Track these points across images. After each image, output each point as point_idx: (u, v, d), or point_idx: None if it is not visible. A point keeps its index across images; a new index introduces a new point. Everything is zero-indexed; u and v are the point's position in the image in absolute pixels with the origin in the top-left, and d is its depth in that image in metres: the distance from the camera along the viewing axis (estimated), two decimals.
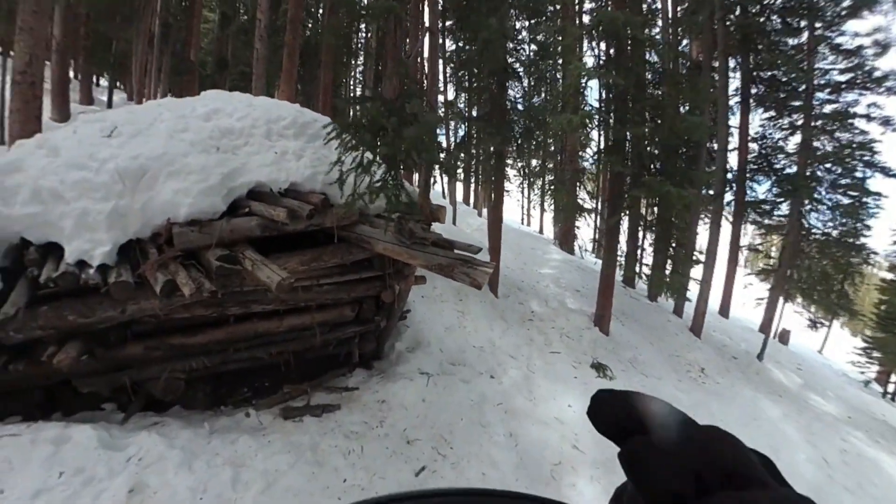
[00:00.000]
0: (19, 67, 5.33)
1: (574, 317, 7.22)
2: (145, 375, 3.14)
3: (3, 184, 2.65)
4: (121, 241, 2.75)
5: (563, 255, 11.22)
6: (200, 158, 2.96)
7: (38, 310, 2.63)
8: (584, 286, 8.97)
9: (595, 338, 6.78)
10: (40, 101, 5.69)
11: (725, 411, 5.79)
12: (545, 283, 8.64)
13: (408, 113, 2.36)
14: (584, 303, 7.97)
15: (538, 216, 17.23)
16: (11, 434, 2.50)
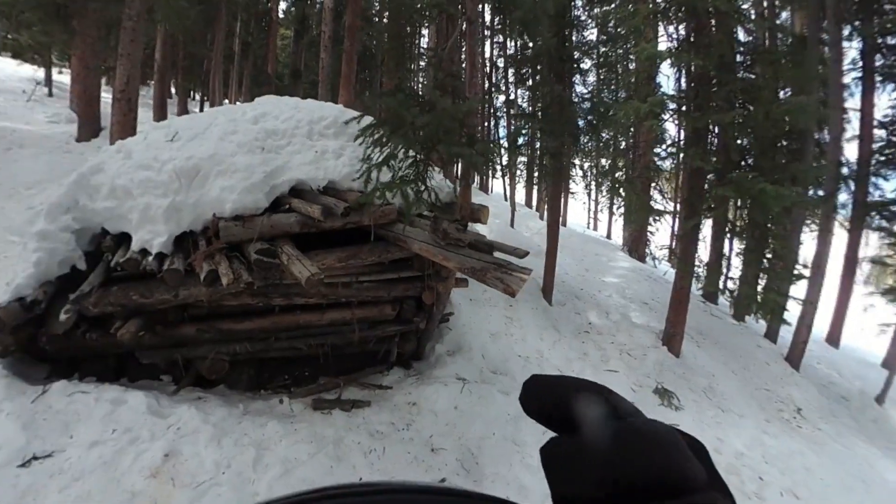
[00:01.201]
0: (119, 87, 6.37)
1: (638, 333, 6.52)
2: (196, 354, 3.45)
3: (90, 182, 3.08)
4: (176, 233, 3.04)
5: (633, 263, 10.27)
6: (246, 158, 3.17)
7: (110, 289, 3.01)
8: (655, 299, 8.10)
9: (662, 359, 6.03)
10: (135, 115, 6.74)
11: (825, 466, 4.76)
12: (608, 292, 7.96)
13: (424, 102, 2.25)
14: (653, 318, 7.18)
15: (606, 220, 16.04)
16: (82, 391, 2.93)
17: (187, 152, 3.21)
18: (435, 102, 2.22)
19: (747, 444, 4.72)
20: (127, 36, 6.42)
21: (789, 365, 7.22)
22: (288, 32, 17.67)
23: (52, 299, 3.14)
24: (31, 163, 7.18)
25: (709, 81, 5.55)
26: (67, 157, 7.47)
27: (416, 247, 3.38)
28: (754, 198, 5.15)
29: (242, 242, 3.10)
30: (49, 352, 3.25)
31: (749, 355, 7.21)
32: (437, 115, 2.19)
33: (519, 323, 5.95)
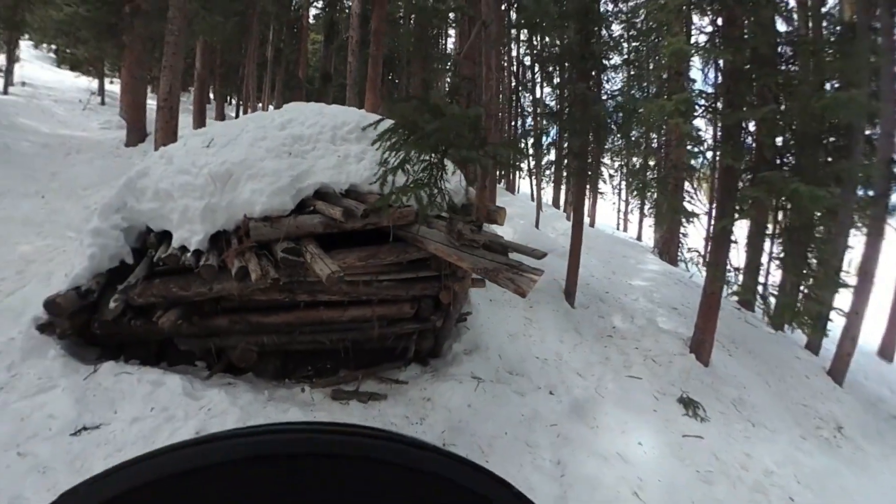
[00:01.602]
0: (162, 96, 6.93)
1: (665, 339, 6.33)
2: (227, 343, 3.71)
3: (137, 185, 3.40)
4: (211, 232, 3.30)
5: (662, 266, 9.94)
6: (274, 163, 3.39)
7: (153, 281, 3.31)
8: (685, 304, 7.83)
9: (689, 367, 5.81)
10: (176, 121, 7.30)
11: (866, 491, 4.44)
12: (634, 296, 7.76)
13: (433, 107, 2.34)
14: (681, 324, 6.96)
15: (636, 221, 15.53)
16: (127, 372, 3.24)
17: (221, 158, 3.47)
18: (443, 108, 2.31)
19: (778, 462, 4.47)
20: (169, 49, 6.97)
21: (832, 379, 6.79)
22: (318, 38, 18.36)
23: (104, 289, 3.48)
24: (87, 166, 7.86)
25: (742, 76, 5.30)
26: (117, 161, 8.11)
27: (432, 247, 3.49)
28: (788, 198, 4.89)
29: (270, 241, 3.32)
30: (99, 336, 3.60)
31: (786, 367, 6.84)
32: (445, 121, 2.28)
33: (539, 324, 5.93)
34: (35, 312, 3.51)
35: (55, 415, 2.95)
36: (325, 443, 0.24)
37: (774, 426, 5.18)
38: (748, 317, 8.37)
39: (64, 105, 12.53)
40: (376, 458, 0.24)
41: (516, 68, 12.33)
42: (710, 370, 5.92)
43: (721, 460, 4.23)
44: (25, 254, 5.17)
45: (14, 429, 2.82)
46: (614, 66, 7.12)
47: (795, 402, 6.00)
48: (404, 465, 0.24)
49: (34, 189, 6.89)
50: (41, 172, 7.52)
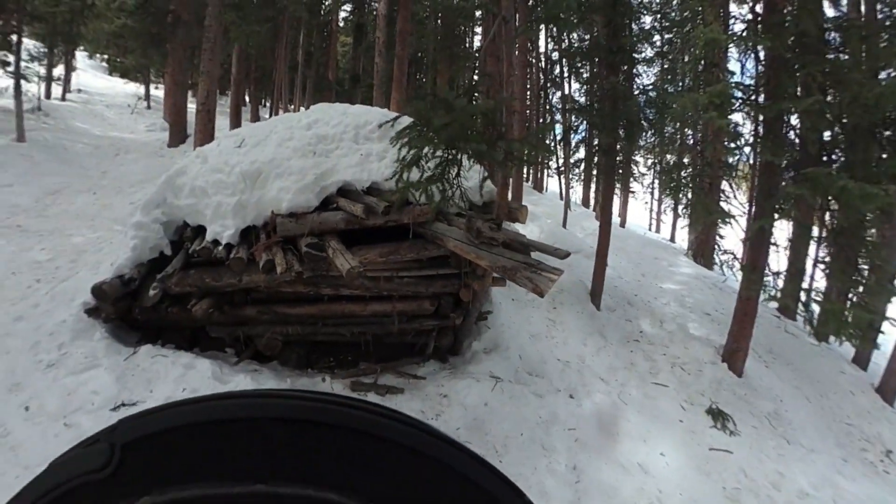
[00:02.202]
0: (200, 100, 7.38)
1: (696, 346, 6.07)
2: (255, 332, 3.89)
3: (175, 183, 3.63)
4: (241, 227, 3.48)
5: (696, 270, 9.52)
6: (300, 162, 3.53)
7: (189, 272, 3.52)
8: (719, 310, 7.47)
9: (720, 377, 5.53)
10: (213, 124, 7.76)
11: None
12: (665, 300, 7.49)
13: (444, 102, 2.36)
14: (714, 331, 6.65)
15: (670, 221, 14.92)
16: (163, 355, 3.45)
17: (251, 157, 3.65)
18: (452, 103, 2.33)
19: (815, 484, 4.18)
20: (206, 56, 7.42)
21: (881, 398, 6.29)
22: (347, 40, 18.86)
23: (144, 278, 3.73)
24: (134, 165, 8.42)
25: (784, 65, 4.95)
26: (160, 160, 8.64)
27: (452, 245, 3.52)
28: (836, 197, 4.53)
29: (296, 237, 3.45)
30: (140, 321, 3.86)
31: (829, 382, 6.40)
32: (455, 115, 2.29)
33: (562, 326, 5.84)
34: (84, 298, 3.81)
35: (98, 391, 3.19)
36: (338, 414, 0.25)
37: (813, 445, 4.84)
38: (788, 325, 7.88)
39: (114, 109, 13.52)
40: (388, 437, 0.25)
41: (544, 64, 12.16)
42: (744, 381, 5.62)
43: (750, 478, 4.02)
44: (78, 245, 5.60)
45: (62, 402, 3.08)
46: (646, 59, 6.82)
47: (838, 421, 5.60)
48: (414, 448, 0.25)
49: (87, 186, 7.45)
50: (93, 171, 8.13)
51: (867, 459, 5.02)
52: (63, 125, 10.23)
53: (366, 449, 0.25)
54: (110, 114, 12.92)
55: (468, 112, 2.27)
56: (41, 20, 10.06)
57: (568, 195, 10.93)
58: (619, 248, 8.69)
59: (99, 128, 11.07)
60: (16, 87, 8.37)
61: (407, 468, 0.25)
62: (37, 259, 5.28)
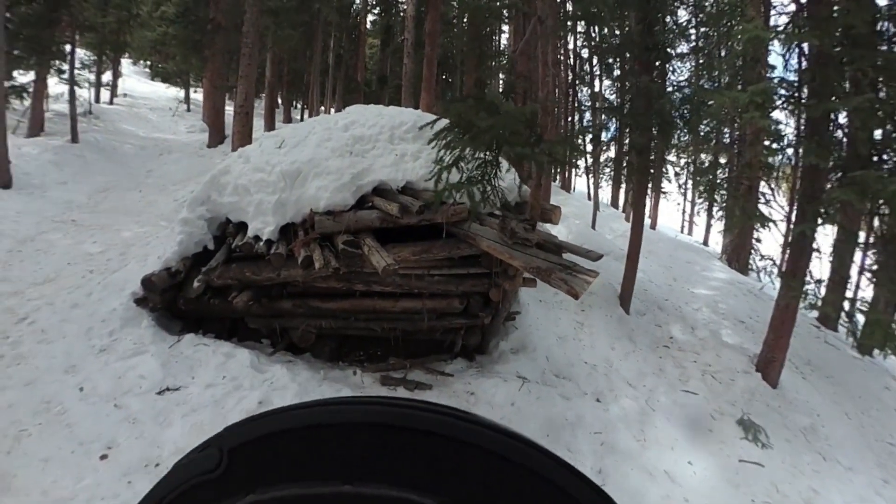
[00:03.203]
0: (239, 102, 7.75)
1: (728, 354, 5.88)
2: (290, 324, 4.05)
3: (219, 182, 3.83)
4: (281, 224, 3.63)
5: (731, 275, 9.20)
6: (337, 161, 3.66)
7: (230, 266, 3.70)
8: (754, 317, 7.21)
9: (754, 387, 5.33)
10: (251, 125, 8.11)
11: None
12: (697, 305, 7.28)
13: (489, 105, 2.39)
14: (749, 339, 6.43)
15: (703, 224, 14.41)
16: (204, 344, 3.66)
17: (291, 157, 3.81)
18: (499, 106, 2.36)
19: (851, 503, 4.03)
20: (244, 60, 7.77)
21: None
22: (375, 42, 19.23)
23: (189, 271, 3.94)
24: (176, 165, 8.87)
25: (831, 61, 4.70)
26: (200, 160, 9.08)
27: (485, 245, 3.55)
28: (886, 202, 4.31)
29: (333, 234, 3.58)
30: (182, 311, 4.08)
31: (872, 397, 6.07)
32: (501, 118, 2.33)
33: (590, 329, 5.78)
34: (133, 288, 4.07)
35: (145, 375, 3.40)
36: (422, 419, 0.26)
37: (851, 463, 4.61)
38: (829, 336, 7.51)
39: (157, 112, 14.30)
40: (472, 441, 0.25)
41: (573, 61, 12.01)
42: (779, 392, 5.40)
43: (782, 493, 3.88)
44: (127, 239, 5.95)
45: (112, 385, 3.31)
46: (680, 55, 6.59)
47: (880, 440, 5.30)
48: (500, 453, 0.25)
49: (134, 184, 7.91)
50: (139, 170, 8.62)
51: None
52: (111, 127, 10.90)
53: (449, 453, 0.25)
54: (153, 116, 13.68)
55: (513, 115, 2.30)
56: (92, 30, 10.73)
57: (597, 195, 10.76)
58: (650, 251, 8.50)
59: (143, 130, 11.73)
60: (70, 93, 8.96)
61: (492, 473, 0.25)
62: (90, 251, 5.65)
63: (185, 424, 3.01)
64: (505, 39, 14.37)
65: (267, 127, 11.70)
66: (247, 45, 7.89)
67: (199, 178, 7.23)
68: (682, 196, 15.70)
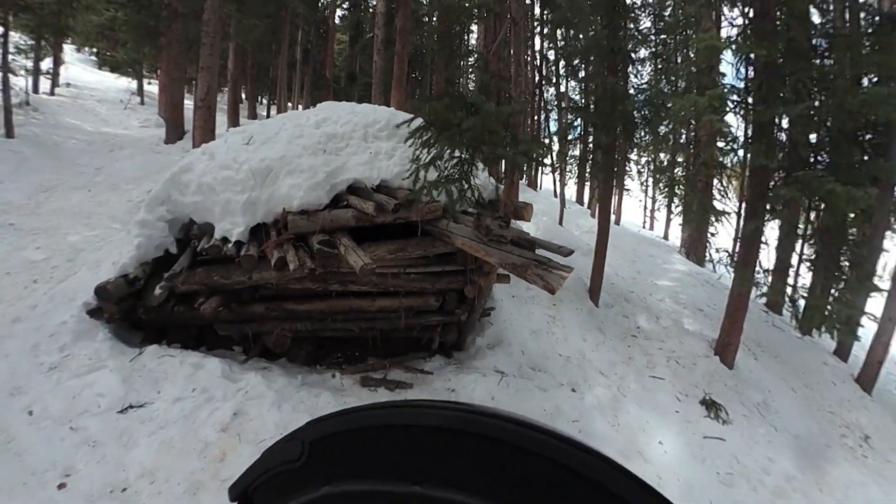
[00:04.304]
0: (200, 95, 7.25)
1: (690, 340, 6.26)
2: (263, 329, 3.90)
3: (181, 180, 3.61)
4: (251, 224, 3.48)
5: (689, 267, 9.76)
6: (310, 159, 3.55)
7: (196, 270, 3.51)
8: (711, 305, 7.70)
9: (713, 369, 5.74)
10: (214, 120, 7.63)
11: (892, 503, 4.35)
12: (660, 296, 7.68)
13: (469, 105, 2.41)
14: (707, 325, 6.86)
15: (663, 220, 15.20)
16: (170, 355, 3.44)
17: (261, 154, 3.66)
18: (479, 105, 2.38)
19: (801, 468, 4.41)
20: (205, 50, 7.29)
21: (860, 387, 6.57)
22: (344, 38, 18.78)
23: (149, 277, 3.71)
24: (129, 162, 8.28)
25: (776, 70, 5.14)
26: (157, 157, 8.52)
27: (460, 242, 3.57)
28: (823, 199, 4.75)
29: (307, 234, 3.47)
30: (144, 320, 3.83)
31: (813, 373, 6.66)
32: (481, 118, 2.35)
33: (562, 322, 5.95)
34: (85, 298, 3.76)
35: (103, 393, 3.13)
36: (491, 426, 0.26)
37: (798, 431, 5.08)
38: (775, 320, 8.15)
39: (106, 105, 13.22)
40: (539, 452, 0.25)
41: (539, 62, 12.28)
42: (735, 373, 5.83)
43: (742, 463, 4.20)
44: (75, 243, 5.51)
45: (66, 405, 3.02)
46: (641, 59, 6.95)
47: (821, 409, 5.85)
48: (569, 466, 0.25)
49: (81, 183, 7.32)
50: (87, 167, 7.98)
51: (847, 445, 5.27)
52: (53, 121, 9.99)
53: (518, 462, 0.25)
54: (102, 109, 12.62)
55: (493, 115, 2.33)
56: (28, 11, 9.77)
57: (563, 193, 11.07)
58: (615, 246, 8.83)
59: (91, 123, 10.83)
60: (3, 82, 8.15)
61: (561, 487, 0.25)
62: (32, 259, 5.18)
63: (152, 443, 2.82)
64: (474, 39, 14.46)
65: (230, 122, 11.13)
66: (208, 34, 7.42)
67: (157, 177, 6.79)
68: (644, 193, 16.43)
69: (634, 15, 5.92)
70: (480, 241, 3.46)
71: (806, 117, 5.02)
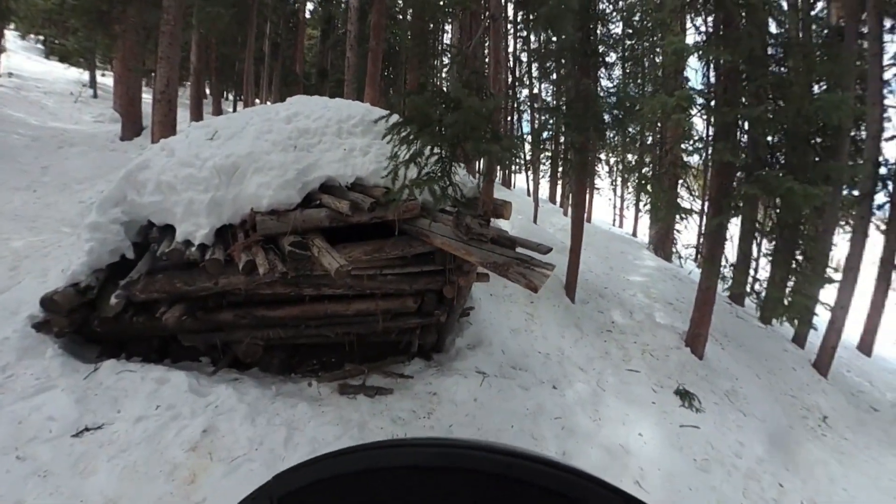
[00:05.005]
0: (160, 88, 6.75)
1: (662, 333, 6.46)
2: (233, 338, 3.68)
3: (137, 178, 3.34)
4: (216, 226, 3.25)
5: (658, 262, 10.10)
6: (280, 156, 3.36)
7: (156, 277, 3.25)
8: (680, 299, 7.97)
9: (685, 360, 5.96)
10: (175, 114, 7.14)
11: (850, 478, 4.62)
12: (632, 291, 7.88)
13: (451, 100, 2.34)
14: (677, 318, 7.09)
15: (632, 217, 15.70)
16: (130, 370, 3.17)
17: (226, 150, 3.42)
18: (462, 100, 2.31)
19: (769, 451, 4.64)
20: (165, 40, 6.81)
21: (817, 371, 7.02)
22: (315, 33, 18.21)
23: (104, 285, 3.41)
24: (80, 160, 7.67)
25: (738, 76, 5.42)
26: (112, 154, 7.95)
27: (439, 241, 3.49)
28: (782, 197, 5.03)
29: (277, 235, 3.29)
30: (99, 333, 3.52)
31: (775, 359, 7.03)
32: (463, 113, 2.28)
33: (540, 320, 5.98)
34: (31, 310, 3.43)
35: (55, 416, 2.83)
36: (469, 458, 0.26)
37: (764, 415, 5.38)
38: (739, 311, 8.54)
39: (54, 97, 12.21)
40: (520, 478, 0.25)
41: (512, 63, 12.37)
42: (705, 363, 6.06)
43: (716, 449, 4.36)
44: (18, 250, 5.04)
45: (12, 432, 2.70)
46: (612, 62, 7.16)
47: (784, 393, 6.20)
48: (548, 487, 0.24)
49: (25, 183, 6.71)
50: (32, 166, 7.33)
51: (808, 425, 5.61)
52: None
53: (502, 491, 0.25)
54: (49, 102, 11.62)
55: (476, 110, 2.26)
56: None
57: (537, 192, 11.20)
58: (588, 243, 9.02)
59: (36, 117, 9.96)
60: None
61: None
62: None
63: (113, 469, 2.57)
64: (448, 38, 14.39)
65: (193, 118, 10.49)
66: (168, 21, 6.92)
67: (112, 176, 6.30)
68: (613, 192, 16.90)
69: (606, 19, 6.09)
70: (461, 240, 3.38)
71: (765, 120, 5.32)
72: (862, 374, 7.90)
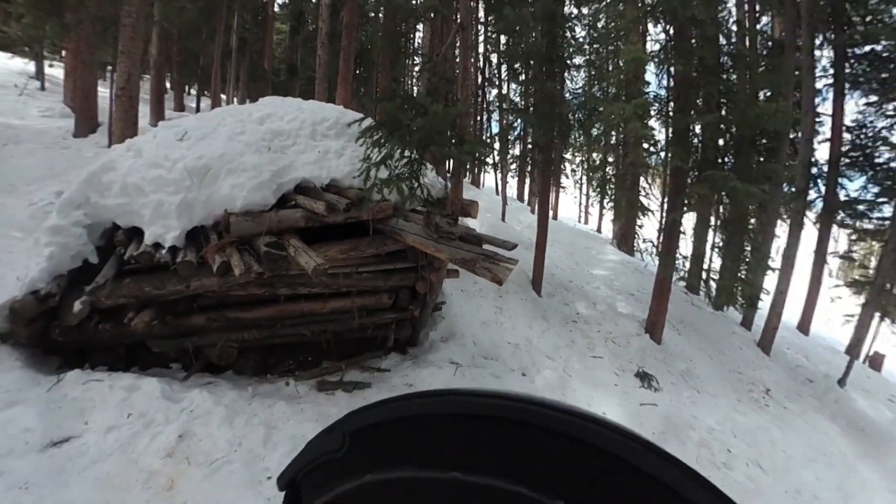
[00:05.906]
0: (120, 84, 6.43)
1: (623, 322, 6.88)
2: (205, 342, 3.65)
3: (101, 180, 3.25)
4: (188, 228, 3.23)
5: (621, 257, 10.64)
6: (254, 157, 3.37)
7: (123, 281, 3.20)
8: (640, 290, 8.47)
9: (644, 346, 6.40)
10: (136, 111, 6.80)
11: (789, 441, 5.18)
12: (596, 284, 8.30)
13: (418, 106, 2.47)
14: (638, 308, 7.55)
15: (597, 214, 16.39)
16: (97, 379, 3.08)
17: (198, 152, 3.39)
18: (427, 107, 2.44)
19: (719, 421, 5.11)
20: (127, 33, 6.47)
21: (761, 350, 7.69)
22: (284, 28, 17.67)
23: (66, 292, 3.29)
24: (28, 159, 7.18)
25: (690, 84, 5.87)
26: (65, 153, 7.48)
27: (411, 240, 3.62)
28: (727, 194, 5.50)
29: (252, 236, 3.30)
30: (60, 343, 3.39)
31: (724, 341, 7.64)
32: (429, 119, 2.41)
33: (509, 313, 6.23)
34: None
35: (15, 434, 2.69)
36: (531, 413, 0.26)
37: (715, 391, 5.90)
38: (693, 299, 9.17)
39: None
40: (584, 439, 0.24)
41: (483, 65, 12.59)
42: (662, 347, 6.53)
43: (672, 422, 4.77)
44: None
45: None
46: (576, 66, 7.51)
47: (732, 371, 6.78)
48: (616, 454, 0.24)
49: None
50: None
51: (753, 398, 6.19)
52: None
53: (561, 450, 0.25)
54: None
55: (441, 116, 2.39)
56: None
57: (504, 190, 11.48)
58: (554, 240, 9.39)
59: None
60: None
61: (606, 475, 0.24)
62: None
63: (84, 481, 2.50)
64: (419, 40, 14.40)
65: (154, 115, 10.01)
66: (129, 14, 6.51)
67: (67, 176, 6.01)
68: (578, 190, 17.55)
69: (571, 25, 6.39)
70: (431, 238, 3.53)
71: (715, 125, 5.81)
72: (800, 350, 8.72)
